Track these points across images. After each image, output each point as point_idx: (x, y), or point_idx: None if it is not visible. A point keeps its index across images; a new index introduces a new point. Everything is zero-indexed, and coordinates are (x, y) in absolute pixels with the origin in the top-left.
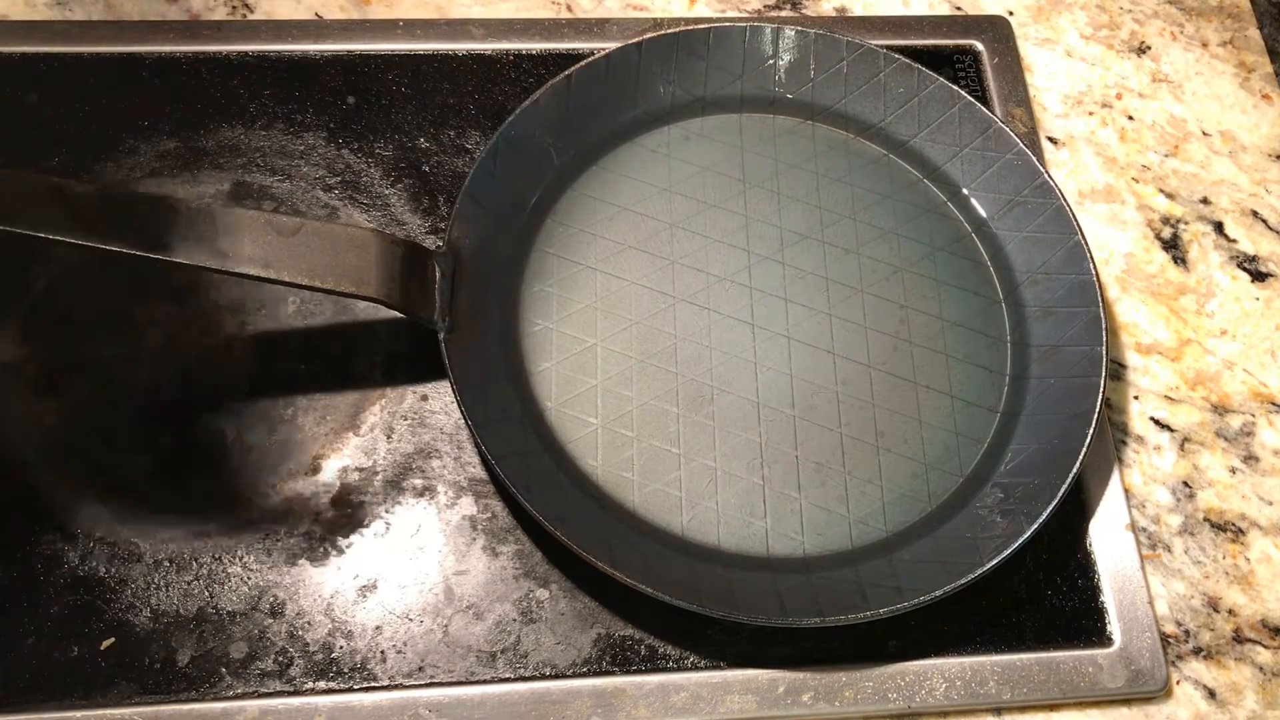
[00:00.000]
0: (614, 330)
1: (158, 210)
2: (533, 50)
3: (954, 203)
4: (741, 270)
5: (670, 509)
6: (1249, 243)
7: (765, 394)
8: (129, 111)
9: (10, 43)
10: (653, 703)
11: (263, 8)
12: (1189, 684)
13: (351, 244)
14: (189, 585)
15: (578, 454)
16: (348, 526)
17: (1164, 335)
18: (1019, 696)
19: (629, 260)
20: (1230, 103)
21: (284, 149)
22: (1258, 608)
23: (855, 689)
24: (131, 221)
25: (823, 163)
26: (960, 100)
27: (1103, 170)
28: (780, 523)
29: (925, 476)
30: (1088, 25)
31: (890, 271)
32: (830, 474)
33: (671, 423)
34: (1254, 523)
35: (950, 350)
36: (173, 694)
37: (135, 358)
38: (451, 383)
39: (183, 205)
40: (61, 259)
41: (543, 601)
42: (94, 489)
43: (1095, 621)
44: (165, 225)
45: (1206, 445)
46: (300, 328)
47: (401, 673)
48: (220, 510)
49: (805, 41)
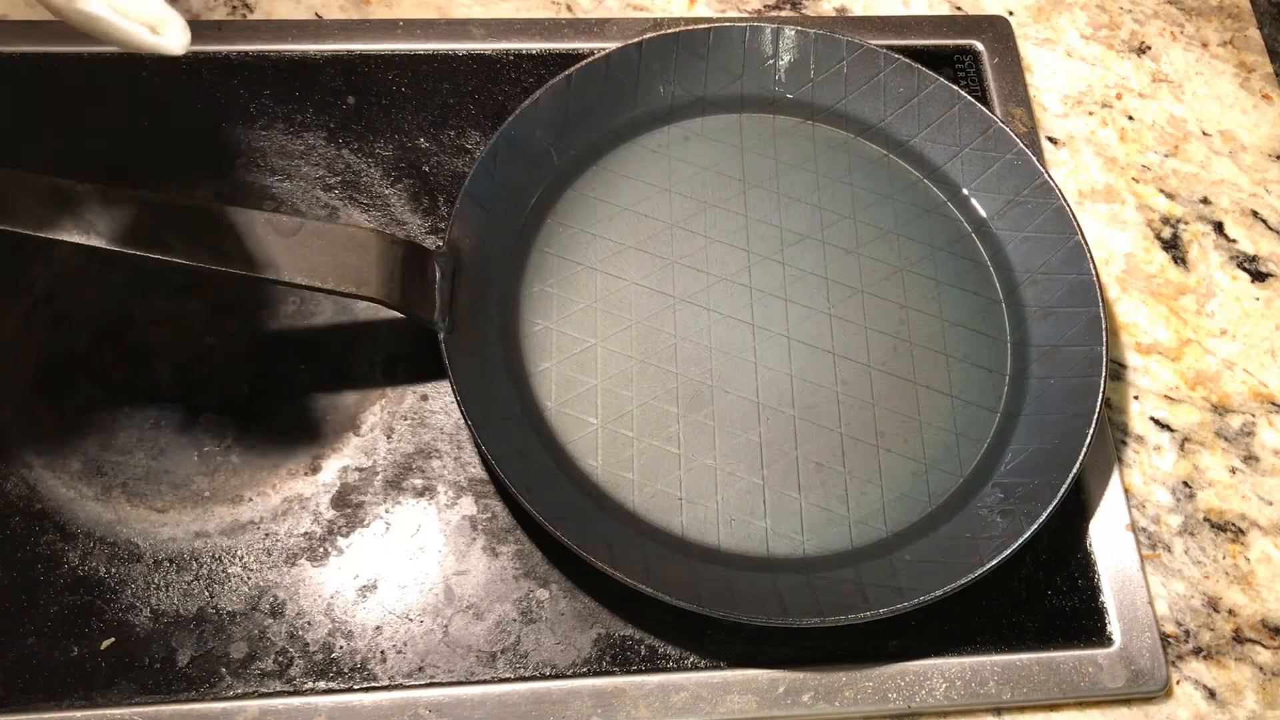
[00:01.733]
0: (614, 330)
1: (157, 210)
2: (533, 50)
3: (954, 203)
4: (741, 270)
5: (670, 509)
6: (1249, 243)
7: (765, 394)
8: (129, 112)
9: (10, 43)
10: (653, 703)
11: (263, 8)
12: (1189, 684)
13: (351, 244)
14: (189, 585)
15: (578, 454)
16: (348, 526)
17: (1164, 335)
18: (1019, 696)
19: (629, 260)
20: (1230, 103)
21: (284, 149)
22: (1258, 608)
23: (855, 689)
24: (131, 221)
25: (823, 163)
26: (960, 100)
27: (1103, 170)
28: (780, 523)
29: (925, 476)
30: (1088, 25)
31: (890, 271)
32: (830, 474)
33: (671, 423)
34: (1254, 523)
35: (950, 350)
36: (173, 694)
37: (135, 358)
38: (451, 383)
39: (183, 205)
40: (62, 259)
41: (543, 601)
42: (94, 489)
43: (1095, 621)
44: (165, 225)
45: (1206, 445)
46: (300, 328)
47: (401, 673)
48: (220, 510)
49: (805, 41)
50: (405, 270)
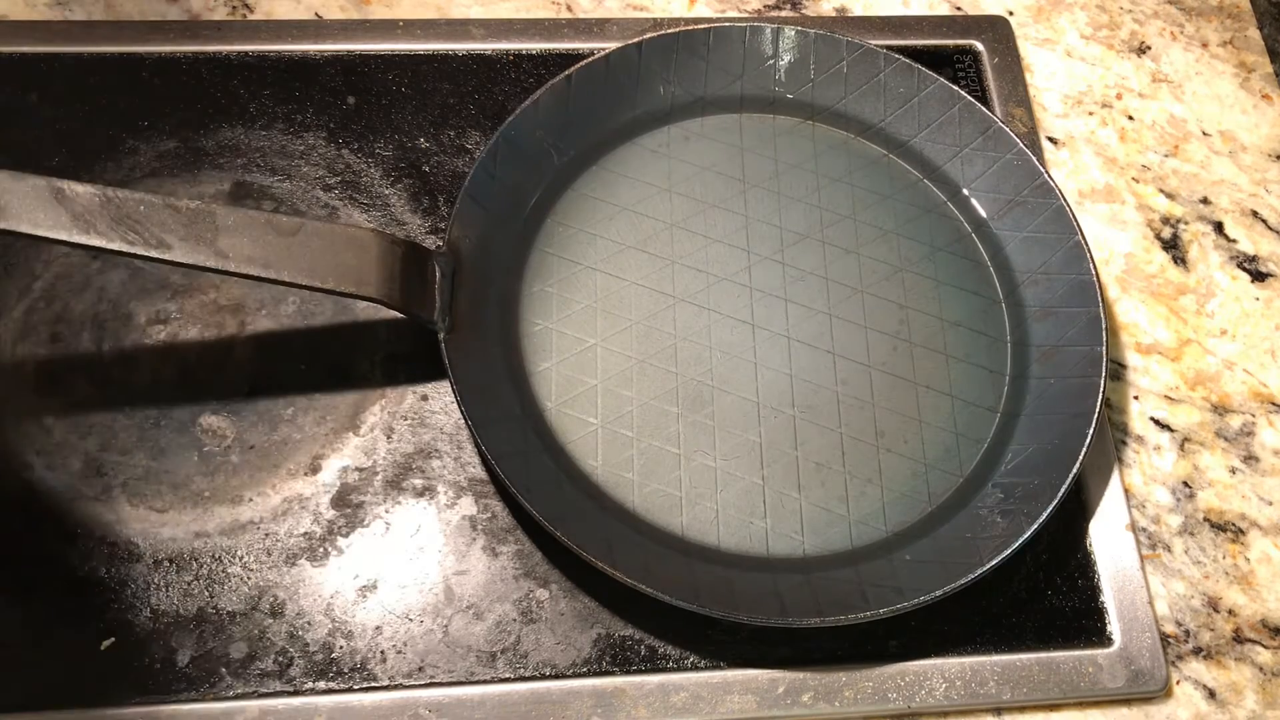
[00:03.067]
0: (614, 330)
1: (158, 210)
2: (533, 50)
3: (954, 203)
4: (741, 270)
5: (670, 509)
6: (1249, 243)
7: (765, 394)
8: (129, 111)
9: (10, 43)
10: (653, 703)
11: (263, 8)
12: (1189, 684)
13: (351, 244)
14: (189, 585)
15: (578, 454)
16: (348, 526)
17: (1164, 335)
18: (1019, 696)
19: (629, 260)
20: (1230, 103)
21: (284, 149)
22: (1258, 608)
23: (855, 689)
24: (132, 222)
25: (823, 163)
26: (960, 100)
27: (1103, 170)
28: (780, 523)
29: (925, 476)
30: (1088, 25)
31: (890, 271)
32: (830, 474)
33: (671, 423)
34: (1254, 523)
35: (950, 350)
36: (173, 694)
37: (135, 358)
38: (451, 383)
39: (183, 205)
40: (62, 258)
41: (543, 601)
42: (94, 489)
43: (1095, 621)
44: (165, 225)
45: (1206, 445)
46: (300, 328)
47: (401, 673)
48: (220, 510)
49: (805, 41)
50: (405, 270)
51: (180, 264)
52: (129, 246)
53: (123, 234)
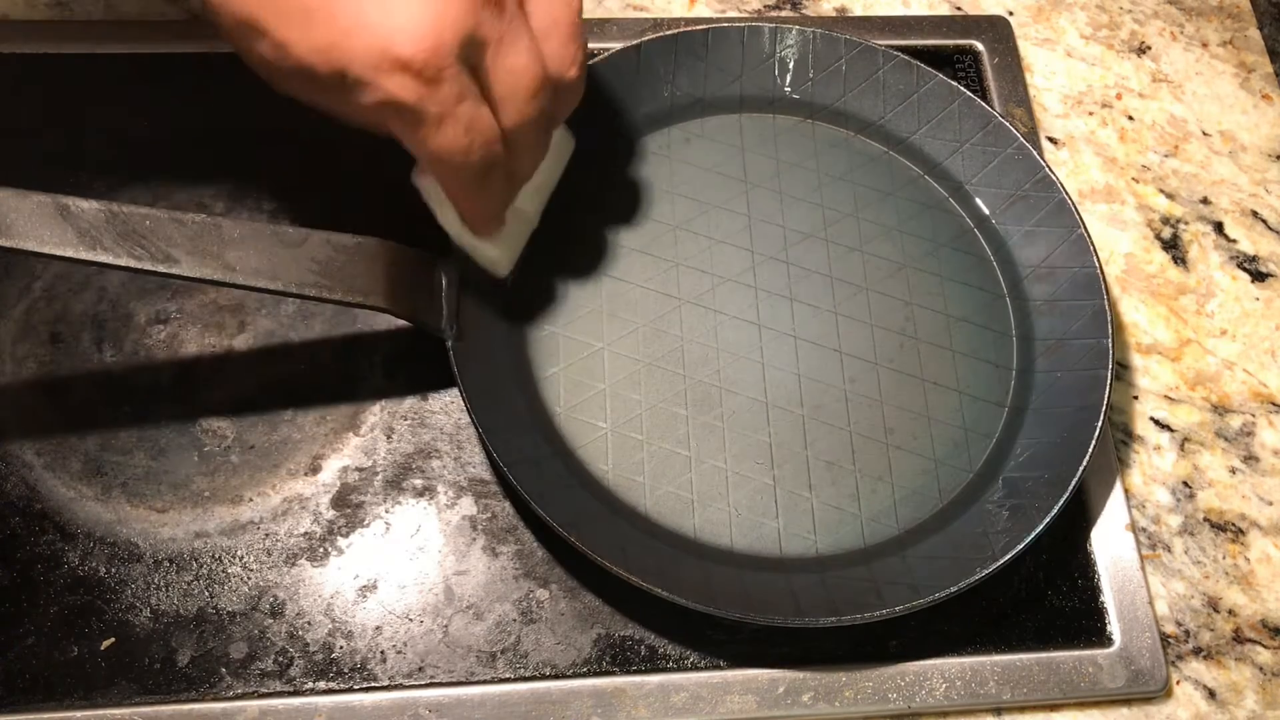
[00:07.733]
0: (620, 334)
1: (163, 224)
2: None
3: (956, 198)
4: (746, 270)
5: (682, 511)
6: (1249, 243)
7: (774, 394)
8: (129, 112)
9: (10, 43)
10: (653, 703)
11: None
12: (1189, 684)
13: (358, 254)
14: (189, 585)
15: (588, 458)
16: (348, 526)
17: (1164, 335)
18: (1019, 696)
19: (634, 263)
20: (1230, 103)
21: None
22: (1258, 608)
23: (855, 689)
24: (138, 237)
25: (824, 161)
26: (960, 96)
27: (1103, 170)
28: (792, 522)
29: (935, 473)
30: (1088, 25)
31: (894, 268)
32: (841, 472)
33: (681, 425)
34: (1254, 523)
35: (956, 346)
36: (173, 694)
37: (135, 357)
38: (460, 390)
39: (189, 219)
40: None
41: (543, 601)
42: (94, 489)
43: (1095, 621)
44: (171, 240)
45: (1206, 445)
46: (300, 328)
47: (401, 673)
48: (220, 510)
49: (804, 40)
50: (412, 279)
51: (188, 278)
52: (136, 262)
53: (129, 249)
